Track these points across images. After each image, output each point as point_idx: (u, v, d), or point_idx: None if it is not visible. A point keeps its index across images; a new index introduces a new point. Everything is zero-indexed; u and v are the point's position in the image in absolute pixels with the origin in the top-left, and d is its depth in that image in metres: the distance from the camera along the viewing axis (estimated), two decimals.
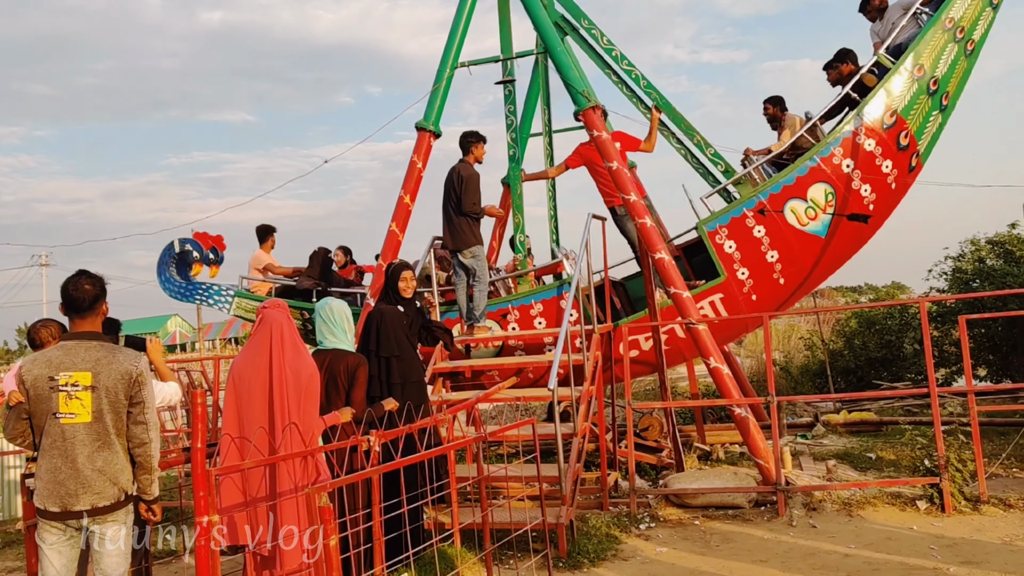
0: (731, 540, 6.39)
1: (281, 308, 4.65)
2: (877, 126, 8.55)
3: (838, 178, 8.59)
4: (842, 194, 8.62)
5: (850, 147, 8.56)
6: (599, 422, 7.86)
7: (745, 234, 8.70)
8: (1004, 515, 6.48)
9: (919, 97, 8.59)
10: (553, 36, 9.00)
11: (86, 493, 3.73)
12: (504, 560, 5.91)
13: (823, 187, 8.60)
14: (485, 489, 5.22)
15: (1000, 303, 11.03)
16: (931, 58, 8.53)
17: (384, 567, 4.87)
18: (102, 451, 3.76)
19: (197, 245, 10.01)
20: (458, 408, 6.31)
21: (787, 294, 9.03)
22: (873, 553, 5.79)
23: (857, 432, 10.70)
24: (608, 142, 8.46)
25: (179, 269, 10.11)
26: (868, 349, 14.00)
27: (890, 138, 8.60)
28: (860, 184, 8.63)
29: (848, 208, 8.67)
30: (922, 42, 8.49)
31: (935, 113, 8.74)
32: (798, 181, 8.63)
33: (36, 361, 3.82)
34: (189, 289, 10.09)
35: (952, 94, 8.82)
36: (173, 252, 10.03)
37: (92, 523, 3.78)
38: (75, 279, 3.93)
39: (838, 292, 41.38)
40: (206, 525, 3.56)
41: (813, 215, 8.64)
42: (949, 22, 8.50)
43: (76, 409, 3.73)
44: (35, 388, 3.77)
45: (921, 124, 8.71)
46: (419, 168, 9.30)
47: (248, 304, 10.15)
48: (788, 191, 8.64)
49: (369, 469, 4.51)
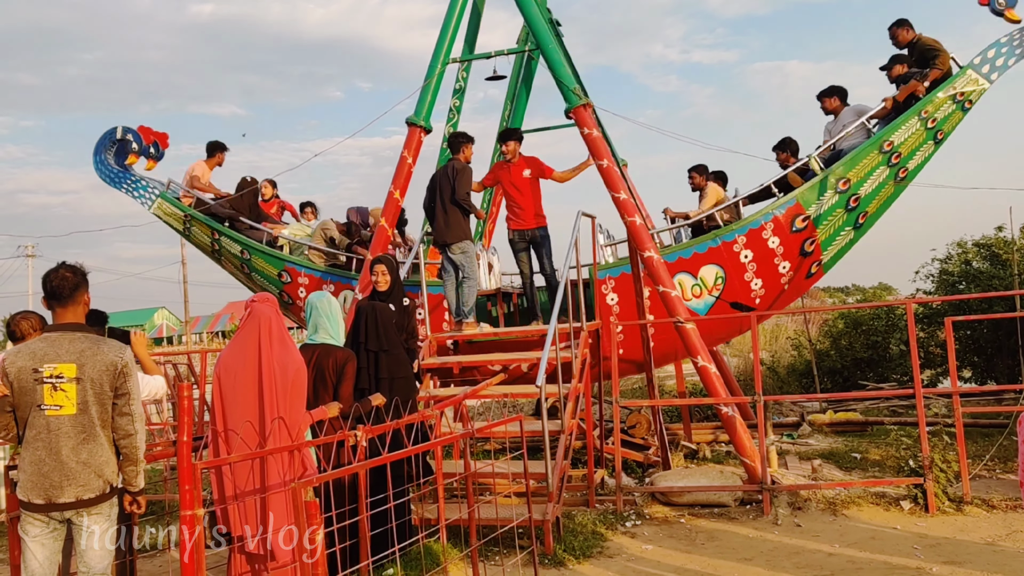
0: (716, 538, 6.41)
1: (270, 302, 4.63)
2: (786, 226, 8.57)
3: (733, 265, 8.64)
4: (732, 281, 8.66)
5: (754, 239, 8.60)
6: (586, 419, 7.87)
7: (628, 292, 8.85)
8: (987, 516, 6.53)
9: (835, 210, 8.56)
10: (545, 33, 8.98)
11: (71, 485, 3.70)
12: (490, 557, 5.91)
13: (715, 269, 8.66)
14: (472, 485, 5.21)
15: (986, 305, 11.12)
16: (859, 175, 8.45)
17: (370, 562, 4.86)
18: (87, 443, 3.74)
19: (138, 136, 10.01)
20: (446, 404, 6.29)
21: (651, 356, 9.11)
22: (857, 552, 5.83)
23: (843, 432, 10.76)
24: (599, 140, 8.46)
25: (117, 156, 10.13)
26: (854, 350, 14.07)
27: (795, 241, 8.61)
28: (753, 277, 8.66)
29: (733, 296, 8.71)
30: (855, 157, 8.45)
31: (847, 229, 8.69)
32: (694, 256, 8.71)
33: (20, 353, 3.78)
34: (119, 176, 10.11)
35: (871, 215, 8.76)
36: (114, 137, 10.06)
37: (76, 516, 3.76)
38: (55, 269, 3.93)
39: (825, 293, 41.61)
40: (191, 519, 3.54)
41: (698, 293, 8.72)
42: (887, 145, 8.38)
43: (61, 401, 3.71)
44: (19, 380, 3.74)
45: (831, 236, 8.68)
46: (409, 164, 9.27)
47: (169, 208, 10.20)
48: (682, 264, 8.72)
49: (355, 464, 4.50)
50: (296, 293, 9.99)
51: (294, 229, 10.56)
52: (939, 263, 13.46)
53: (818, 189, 8.52)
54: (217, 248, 10.24)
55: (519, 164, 8.52)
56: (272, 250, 10.06)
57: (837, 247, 8.77)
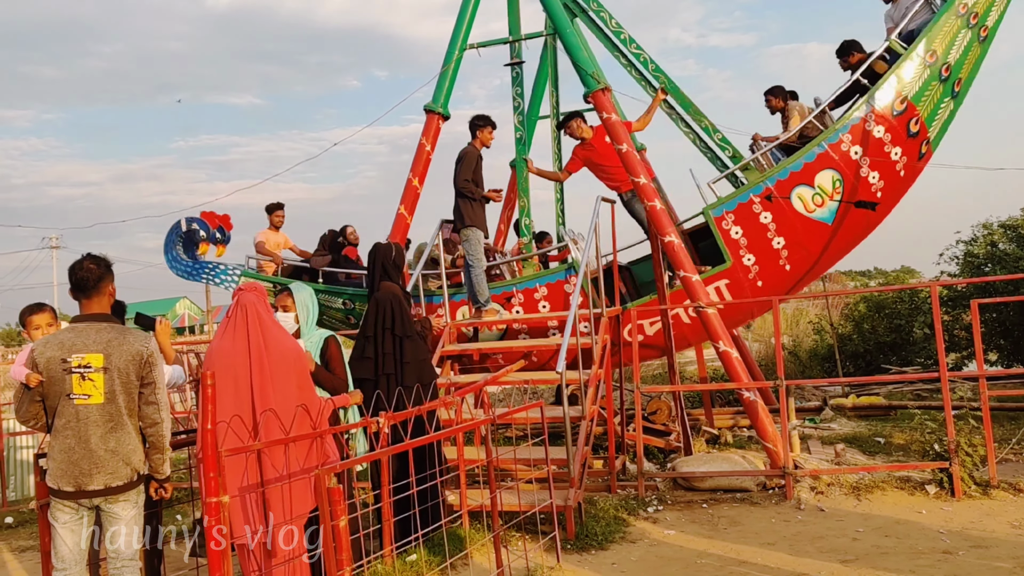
0: (739, 523, 6.39)
1: (258, 291, 4.56)
2: (887, 112, 8.44)
3: (846, 165, 8.51)
4: (850, 181, 8.53)
5: (859, 134, 8.46)
6: (607, 405, 7.86)
7: (752, 220, 8.63)
8: (1014, 500, 6.46)
9: (931, 84, 8.47)
10: (563, 17, 8.93)
11: (100, 473, 3.77)
12: (512, 542, 5.93)
13: (831, 174, 8.51)
14: (493, 471, 5.23)
15: (1012, 287, 10.96)
16: (944, 44, 8.39)
17: (393, 547, 4.90)
18: (115, 432, 3.81)
19: (204, 224, 10.02)
20: (467, 390, 6.31)
21: (793, 280, 8.97)
22: (882, 537, 5.78)
23: (866, 416, 10.68)
24: (618, 124, 8.41)
25: (186, 248, 10.12)
26: (877, 333, 13.94)
27: (900, 125, 8.49)
28: (868, 171, 8.53)
29: (856, 195, 8.58)
30: (935, 28, 8.36)
31: (947, 100, 8.62)
32: (805, 167, 8.55)
33: (48, 344, 3.85)
34: (196, 268, 10.10)
35: (964, 81, 8.69)
36: (180, 231, 10.04)
37: (104, 502, 3.83)
38: (80, 261, 3.99)
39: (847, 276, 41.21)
40: (215, 506, 3.57)
41: (820, 202, 8.57)
42: (963, 8, 8.35)
43: (89, 390, 3.77)
44: (48, 370, 3.80)
45: (932, 111, 8.59)
46: (428, 151, 9.28)
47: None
48: (795, 177, 8.55)
49: (379, 451, 4.52)
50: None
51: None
52: (964, 245, 13.29)
53: (908, 68, 8.44)
54: (352, 315, 10.05)
55: (598, 135, 8.71)
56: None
57: (940, 121, 8.72)
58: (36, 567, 6.02)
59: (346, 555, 3.64)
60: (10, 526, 7.81)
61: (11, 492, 8.91)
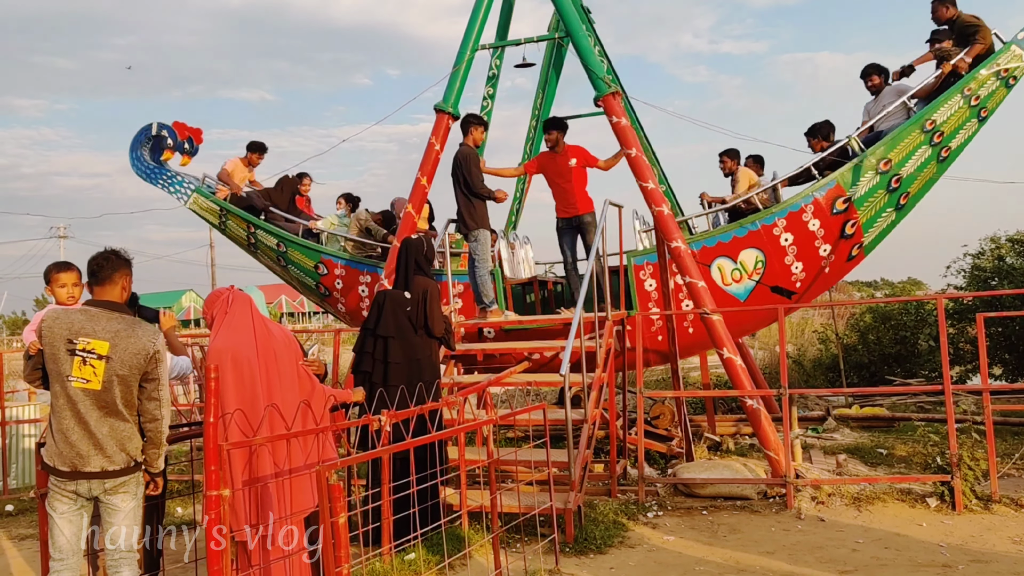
0: (739, 531, 6.38)
1: (242, 291, 4.57)
2: (827, 208, 8.45)
3: (774, 249, 8.54)
4: (773, 265, 8.56)
5: (795, 222, 8.49)
6: (610, 409, 7.86)
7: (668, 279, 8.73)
8: (1015, 515, 6.43)
9: (877, 191, 8.44)
10: (575, 20, 8.93)
11: (96, 456, 3.78)
12: (511, 544, 5.93)
13: (756, 253, 8.58)
14: (494, 472, 5.23)
15: (1019, 302, 10.92)
16: (901, 155, 8.34)
17: (392, 546, 4.90)
18: (108, 417, 3.82)
19: (173, 133, 10.13)
20: (470, 391, 6.31)
21: (691, 344, 9.09)
22: (881, 549, 5.77)
23: (869, 427, 10.65)
24: (629, 128, 8.41)
25: (152, 152, 10.24)
26: (882, 344, 13.91)
27: (836, 223, 8.49)
28: (793, 260, 8.56)
29: (774, 280, 8.61)
30: (897, 137, 8.31)
31: (889, 210, 8.57)
32: (734, 240, 8.60)
33: (59, 320, 3.87)
34: (155, 172, 10.25)
35: (912, 196, 8.63)
36: (149, 133, 10.20)
37: (104, 494, 3.83)
38: (100, 252, 4.06)
39: (853, 287, 41.13)
40: (216, 499, 3.57)
41: (738, 277, 8.64)
42: (930, 124, 8.26)
43: (88, 375, 3.79)
44: (51, 346, 3.83)
45: (871, 218, 8.56)
46: (437, 150, 9.28)
47: (204, 203, 10.28)
48: (722, 248, 8.63)
49: (379, 449, 4.53)
50: (332, 284, 10.02)
51: (331, 219, 10.59)
52: (971, 258, 13.26)
53: (859, 170, 8.41)
54: (253, 241, 10.27)
55: (565, 154, 8.51)
56: (308, 242, 10.08)
57: (878, 229, 8.68)
58: (35, 555, 6.03)
59: (345, 552, 3.64)
60: (10, 514, 7.84)
61: (12, 480, 8.94)
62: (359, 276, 9.77)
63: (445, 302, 8.57)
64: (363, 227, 10.03)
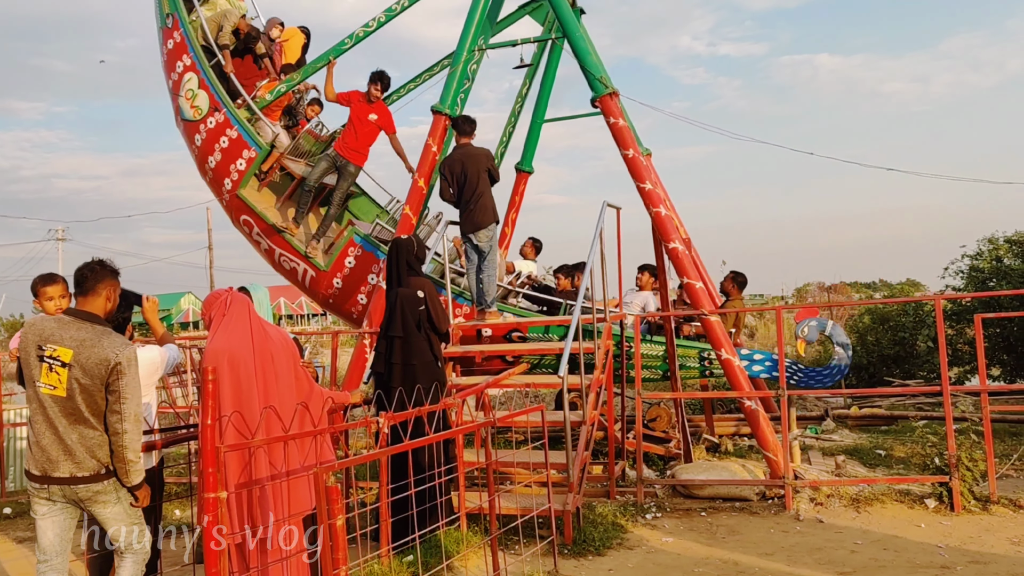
0: (737, 532, 6.38)
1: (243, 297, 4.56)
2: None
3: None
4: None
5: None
6: (608, 411, 7.85)
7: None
8: (1013, 516, 6.43)
9: None
10: (572, 21, 8.92)
11: (66, 461, 3.76)
12: (510, 546, 5.92)
13: None
14: (492, 474, 5.22)
15: (1017, 303, 10.92)
16: None
17: (390, 547, 4.89)
18: (77, 425, 3.79)
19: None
20: (468, 393, 6.30)
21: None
22: (880, 550, 5.77)
23: (867, 428, 10.65)
24: (625, 129, 8.40)
25: None
26: (881, 346, 13.91)
27: None
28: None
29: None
30: None
31: None
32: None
33: (34, 326, 3.89)
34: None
35: None
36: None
37: (85, 504, 3.83)
38: (86, 262, 4.05)
39: (852, 288, 41.09)
40: (213, 502, 3.56)
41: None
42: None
43: (54, 382, 3.78)
44: (25, 351, 3.86)
45: None
46: (434, 151, 9.27)
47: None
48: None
49: (377, 451, 4.52)
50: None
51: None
52: (969, 259, 13.25)
53: None
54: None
55: (372, 108, 9.74)
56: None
57: None
58: (32, 558, 6.01)
59: (342, 554, 3.63)
60: (8, 516, 7.82)
61: (10, 483, 8.92)
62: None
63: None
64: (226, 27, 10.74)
